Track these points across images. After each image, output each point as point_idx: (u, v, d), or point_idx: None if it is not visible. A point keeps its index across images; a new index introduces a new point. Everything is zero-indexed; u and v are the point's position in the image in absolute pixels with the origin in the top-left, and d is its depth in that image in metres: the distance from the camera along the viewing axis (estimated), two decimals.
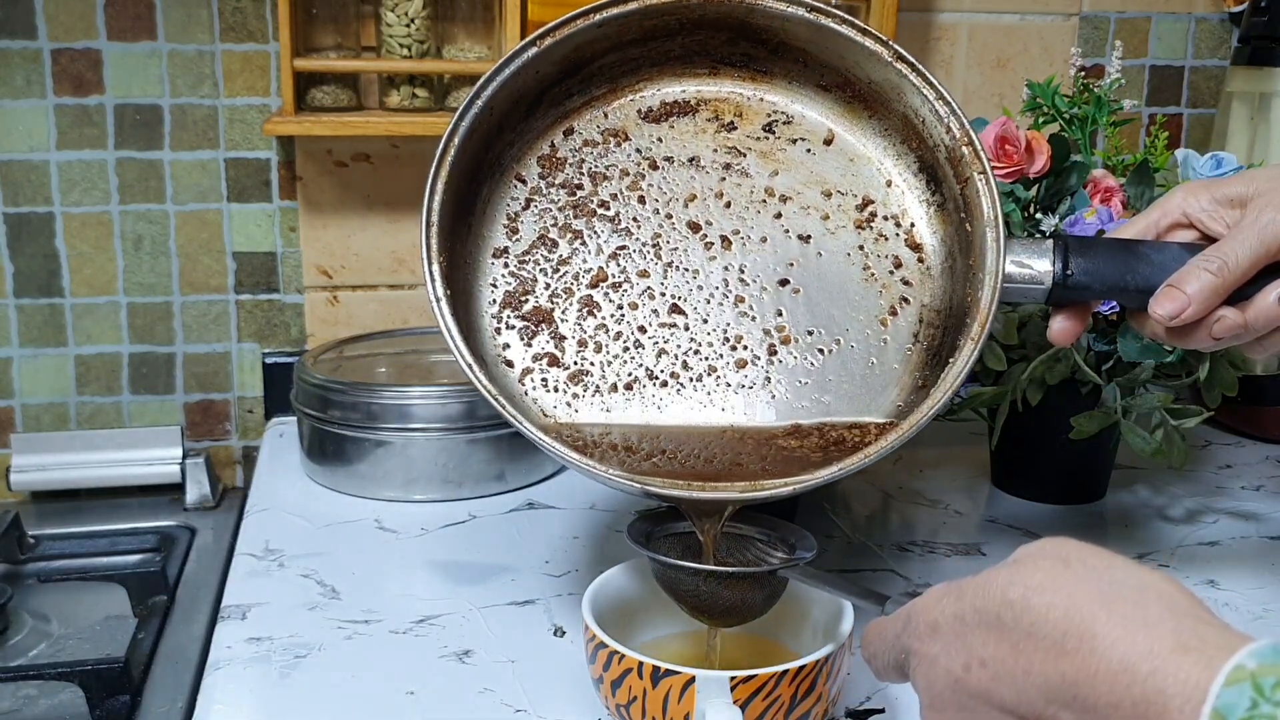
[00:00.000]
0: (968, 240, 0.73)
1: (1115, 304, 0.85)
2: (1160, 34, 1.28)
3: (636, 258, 0.76)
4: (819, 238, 0.77)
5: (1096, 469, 1.00)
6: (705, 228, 0.77)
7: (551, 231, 0.76)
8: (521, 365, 0.73)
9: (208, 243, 1.14)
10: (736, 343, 0.75)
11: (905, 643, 0.50)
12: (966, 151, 0.72)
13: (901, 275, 0.76)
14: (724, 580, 0.66)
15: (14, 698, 0.81)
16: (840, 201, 0.77)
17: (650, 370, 0.74)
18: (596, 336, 0.74)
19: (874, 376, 0.75)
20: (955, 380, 0.68)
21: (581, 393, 0.73)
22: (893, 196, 0.77)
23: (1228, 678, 0.38)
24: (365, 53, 1.09)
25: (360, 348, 1.12)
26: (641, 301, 0.75)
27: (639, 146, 0.78)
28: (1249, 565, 0.89)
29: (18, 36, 1.07)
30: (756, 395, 0.74)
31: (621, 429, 0.72)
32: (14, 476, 1.11)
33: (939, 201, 0.76)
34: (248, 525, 0.95)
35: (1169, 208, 0.70)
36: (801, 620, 0.71)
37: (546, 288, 0.75)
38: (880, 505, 1.00)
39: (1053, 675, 0.42)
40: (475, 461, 0.99)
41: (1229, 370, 0.88)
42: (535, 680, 0.72)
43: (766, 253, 0.76)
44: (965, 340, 0.69)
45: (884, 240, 0.77)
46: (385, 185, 1.15)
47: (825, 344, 0.75)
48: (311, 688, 0.72)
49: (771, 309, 0.75)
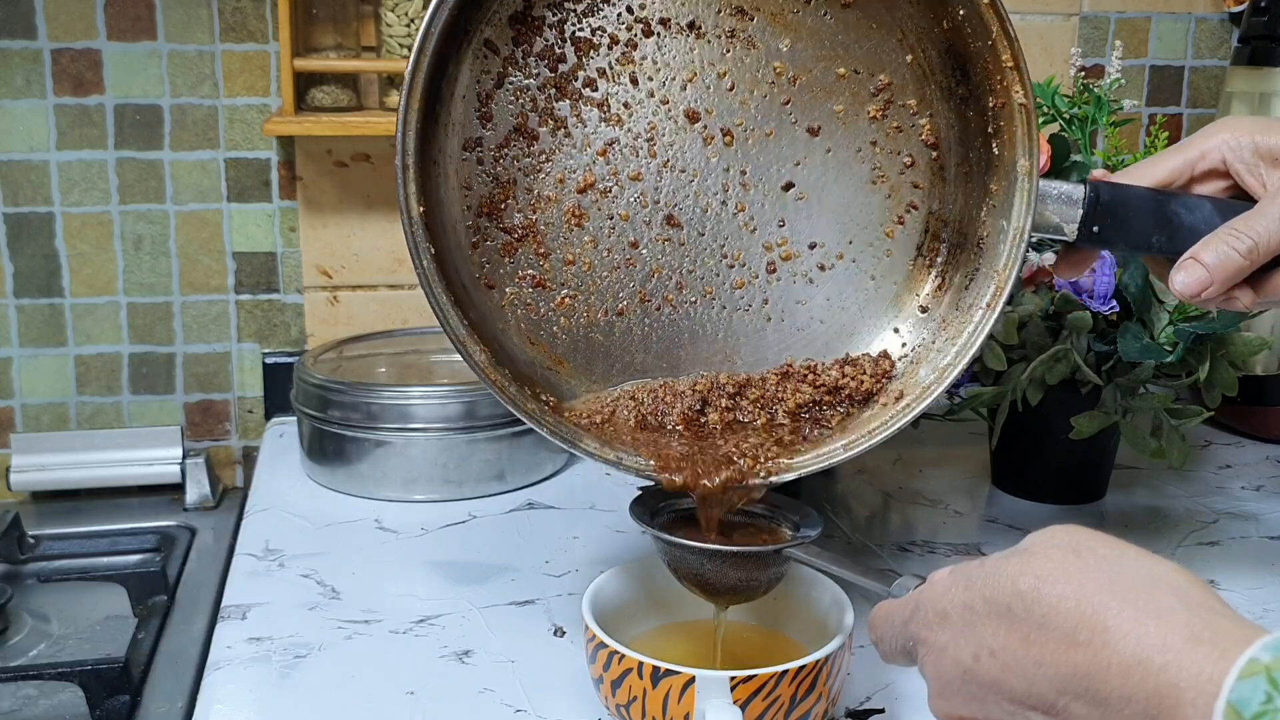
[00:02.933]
0: (990, 160, 0.67)
1: (1115, 305, 0.85)
2: (1160, 34, 1.28)
3: (628, 155, 0.67)
4: (829, 130, 0.69)
5: (1096, 469, 1.00)
6: (705, 117, 0.68)
7: (530, 119, 0.66)
8: (503, 288, 0.67)
9: (208, 243, 1.14)
10: (735, 260, 0.69)
11: (913, 630, 0.50)
12: (1011, 75, 0.65)
13: (912, 177, 0.70)
14: (728, 559, 0.65)
15: (14, 698, 0.81)
16: (855, 85, 0.69)
17: (643, 293, 0.68)
18: (584, 254, 0.68)
19: (872, 299, 0.71)
20: (968, 355, 0.66)
21: (569, 317, 0.68)
22: (913, 78, 0.69)
23: (1242, 671, 0.38)
24: (365, 53, 1.09)
25: (360, 348, 1.12)
26: (633, 211, 0.68)
27: (630, 4, 0.67)
28: (1249, 565, 0.89)
29: (18, 36, 1.07)
30: (751, 319, 0.70)
31: (610, 394, 0.69)
32: (14, 476, 1.11)
33: (963, 95, 0.68)
34: (248, 525, 0.95)
35: (1208, 149, 0.67)
36: (805, 612, 0.71)
37: (529, 192, 0.66)
38: (880, 505, 1.00)
39: (1064, 667, 0.42)
40: (475, 461, 0.99)
41: (1229, 370, 0.88)
42: (535, 680, 0.72)
43: (772, 149, 0.69)
44: (979, 308, 0.67)
45: (897, 134, 0.69)
46: (385, 185, 1.15)
47: (826, 259, 0.70)
48: (311, 688, 0.72)
49: (774, 219, 0.69)
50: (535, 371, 0.69)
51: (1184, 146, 0.68)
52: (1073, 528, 0.47)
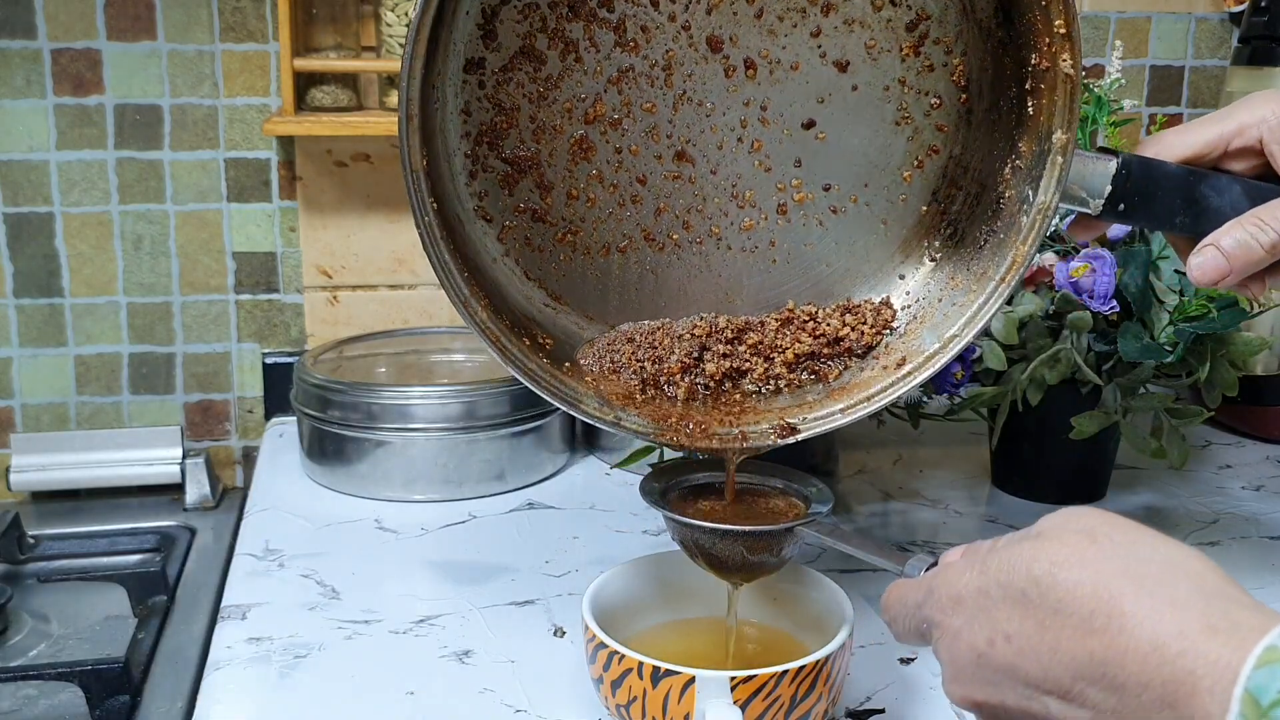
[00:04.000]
0: (1022, 117, 0.64)
1: (1115, 305, 0.85)
2: (1160, 34, 1.28)
3: (644, 84, 0.62)
4: (857, 65, 0.65)
5: (1096, 469, 1.00)
6: (728, 46, 0.62)
7: (538, 40, 0.61)
8: (501, 220, 0.64)
9: (208, 243, 1.14)
10: (744, 200, 0.66)
11: (927, 613, 0.50)
12: (1062, 44, 0.60)
13: (937, 119, 0.66)
14: (739, 537, 0.65)
15: (14, 698, 0.81)
16: (890, 16, 0.64)
17: (647, 231, 0.65)
18: (589, 189, 0.64)
19: (881, 243, 0.68)
20: (975, 328, 0.64)
21: (569, 253, 0.65)
22: (952, 12, 0.65)
23: (1259, 659, 0.37)
24: (365, 53, 1.09)
25: (360, 348, 1.12)
26: (644, 145, 0.63)
27: None
28: (1249, 565, 0.89)
29: (18, 36, 1.06)
30: (756, 261, 0.67)
31: (607, 337, 0.67)
32: (14, 476, 1.11)
33: (1002, 39, 0.64)
34: (248, 525, 0.95)
35: (1247, 125, 0.64)
36: (806, 612, 0.71)
37: (531, 120, 0.61)
38: (880, 505, 1.00)
39: (1080, 653, 0.42)
40: (475, 461, 0.99)
41: (1229, 370, 0.88)
42: (535, 680, 0.72)
43: (796, 84, 0.64)
44: (992, 279, 0.64)
45: (928, 72, 0.65)
46: (385, 185, 1.15)
47: (839, 202, 0.67)
48: (311, 688, 0.72)
49: (790, 158, 0.65)
50: (533, 308, 0.67)
51: (1221, 118, 0.65)
52: (1087, 510, 0.47)
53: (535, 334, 0.66)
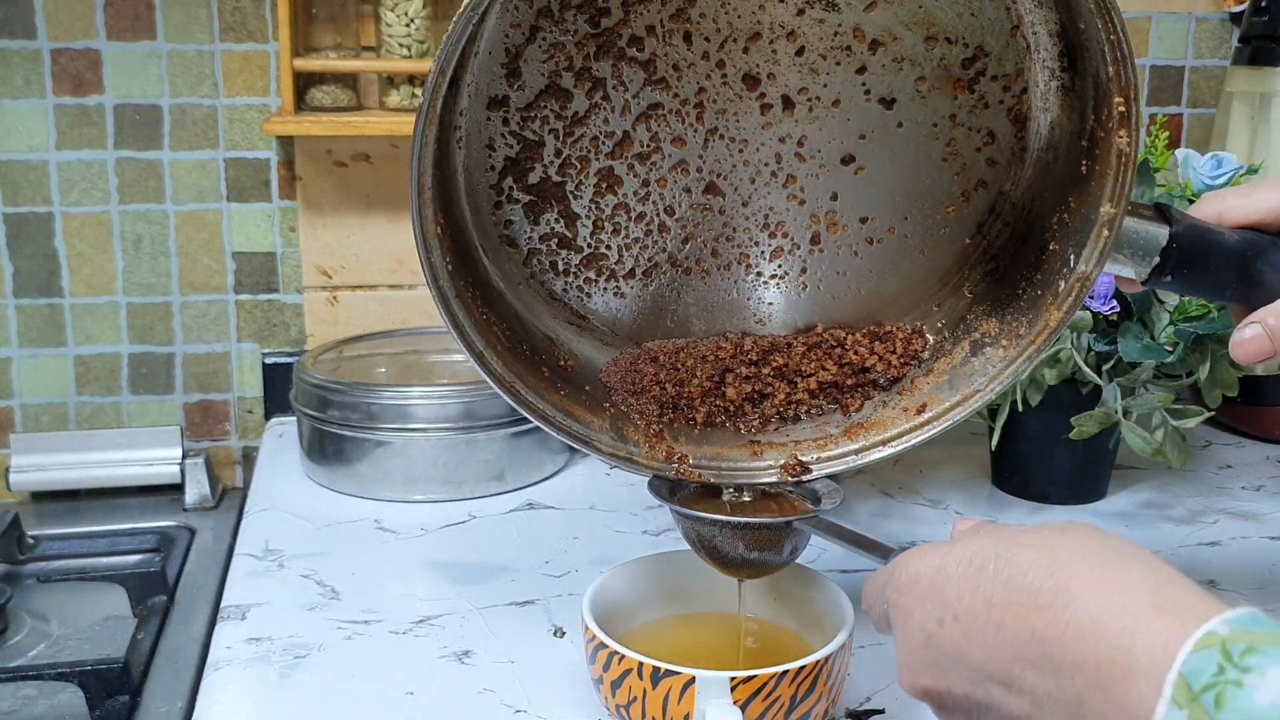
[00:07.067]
0: (1075, 170, 0.60)
1: (1115, 305, 0.85)
2: (1160, 34, 1.28)
3: (673, 120, 0.60)
4: (905, 103, 0.62)
5: (1096, 469, 1.00)
6: (765, 83, 0.60)
7: (564, 77, 0.59)
8: (527, 246, 0.62)
9: (207, 243, 1.14)
10: (777, 231, 0.63)
11: (889, 594, 0.50)
12: (1120, 103, 0.57)
13: (989, 154, 0.63)
14: (738, 530, 0.65)
15: (14, 698, 0.81)
16: (944, 53, 0.61)
17: (673, 256, 0.63)
18: (615, 217, 0.62)
19: (919, 273, 0.64)
20: (999, 387, 0.63)
21: (595, 277, 0.64)
22: (1012, 50, 0.61)
23: (1198, 642, 0.37)
24: (365, 53, 1.09)
25: (360, 348, 1.12)
26: (672, 177, 0.62)
27: None
28: (1249, 565, 0.89)
29: (17, 36, 1.06)
30: (786, 287, 0.65)
31: (631, 353, 0.66)
32: (14, 476, 1.11)
33: (1066, 82, 0.61)
34: (247, 525, 0.95)
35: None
36: (806, 612, 0.71)
37: (557, 154, 0.60)
38: (880, 505, 1.00)
39: (1022, 631, 0.42)
40: (475, 461, 0.99)
41: (1229, 370, 0.88)
42: (535, 680, 0.72)
43: (836, 120, 0.61)
44: (1023, 339, 0.62)
45: (982, 110, 0.62)
46: (385, 185, 1.15)
47: (877, 233, 0.64)
48: (311, 688, 0.72)
49: (826, 192, 0.63)
50: (555, 329, 0.66)
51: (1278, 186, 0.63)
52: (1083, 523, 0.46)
53: (557, 356, 0.66)
